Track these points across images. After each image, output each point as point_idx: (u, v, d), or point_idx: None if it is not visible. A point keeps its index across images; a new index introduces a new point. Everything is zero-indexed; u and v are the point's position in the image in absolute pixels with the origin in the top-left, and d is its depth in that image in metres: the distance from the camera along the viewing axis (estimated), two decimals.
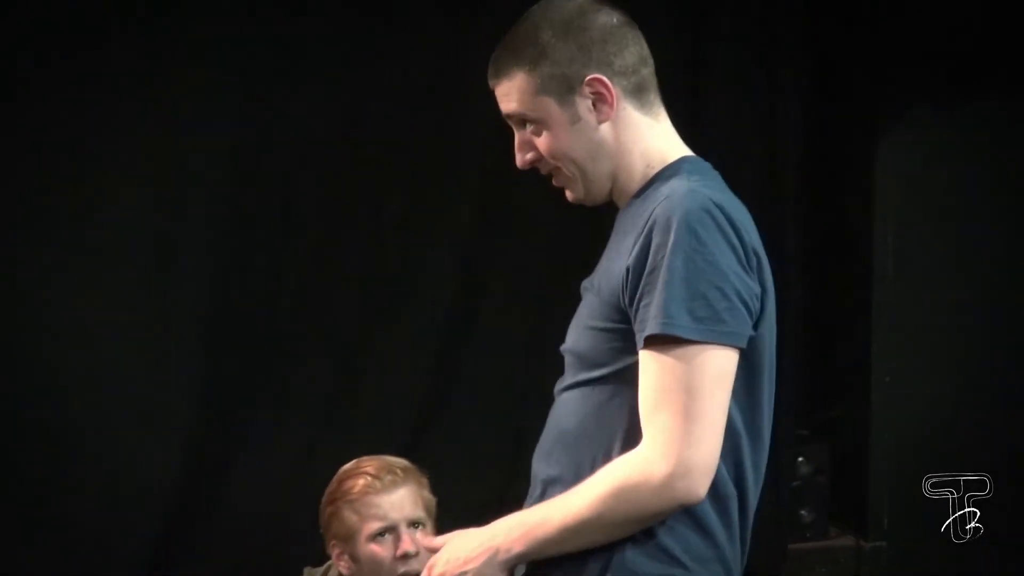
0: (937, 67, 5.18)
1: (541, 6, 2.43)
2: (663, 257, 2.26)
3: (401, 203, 4.98)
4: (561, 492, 2.36)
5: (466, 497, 3.85)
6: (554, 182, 2.48)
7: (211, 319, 4.90)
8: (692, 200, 2.27)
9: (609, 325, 2.35)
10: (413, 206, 5.03)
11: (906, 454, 5.16)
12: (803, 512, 5.06)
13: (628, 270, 2.30)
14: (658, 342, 2.25)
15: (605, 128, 2.38)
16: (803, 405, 5.28)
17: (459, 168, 4.89)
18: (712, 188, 2.33)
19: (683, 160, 2.40)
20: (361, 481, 3.34)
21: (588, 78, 2.36)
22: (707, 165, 2.42)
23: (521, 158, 2.46)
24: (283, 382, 4.99)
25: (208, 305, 4.90)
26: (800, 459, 5.06)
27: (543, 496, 2.41)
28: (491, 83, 2.45)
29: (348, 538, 3.33)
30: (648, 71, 2.42)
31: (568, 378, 2.43)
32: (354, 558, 3.33)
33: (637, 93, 2.40)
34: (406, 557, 3.27)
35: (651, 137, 2.41)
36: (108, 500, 4.75)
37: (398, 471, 3.35)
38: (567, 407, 2.41)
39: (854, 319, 5.23)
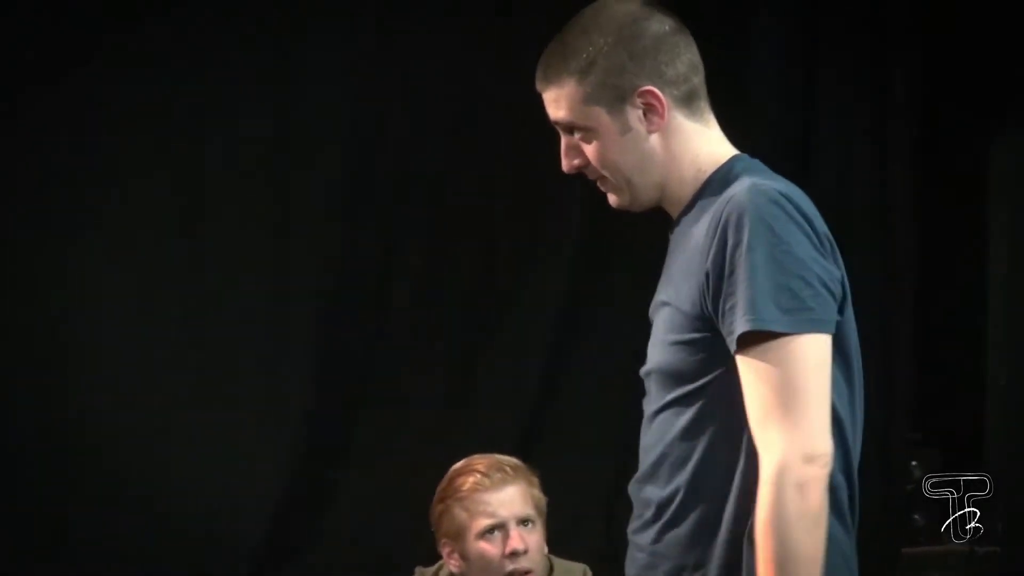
0: None
1: (592, 11, 2.42)
2: (741, 256, 2.25)
3: (510, 210, 5.05)
4: (676, 508, 2.35)
5: (572, 504, 3.88)
6: (600, 187, 2.47)
7: (323, 321, 5.01)
8: (758, 194, 2.27)
9: (694, 336, 2.34)
10: (522, 214, 5.10)
11: (1021, 459, 5.12)
12: (916, 516, 5.05)
13: (707, 275, 2.29)
14: (750, 342, 2.25)
15: (655, 138, 2.37)
16: (916, 409, 5.26)
17: (569, 178, 4.95)
18: (774, 180, 2.33)
19: (735, 159, 2.39)
20: (471, 479, 3.35)
21: (640, 89, 2.35)
22: (757, 161, 2.41)
23: (568, 163, 2.46)
24: (393, 388, 5.07)
25: (320, 307, 5.01)
26: (913, 463, 5.05)
27: (658, 517, 2.39)
28: (539, 87, 2.44)
29: (458, 536, 3.33)
30: (699, 79, 2.40)
31: (656, 400, 2.41)
32: (464, 556, 3.35)
33: (688, 101, 2.38)
34: (515, 555, 3.28)
35: (701, 143, 2.40)
36: (219, 497, 4.88)
37: (508, 469, 3.36)
38: (663, 427, 2.39)
39: (968, 322, 5.20)
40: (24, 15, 4.78)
